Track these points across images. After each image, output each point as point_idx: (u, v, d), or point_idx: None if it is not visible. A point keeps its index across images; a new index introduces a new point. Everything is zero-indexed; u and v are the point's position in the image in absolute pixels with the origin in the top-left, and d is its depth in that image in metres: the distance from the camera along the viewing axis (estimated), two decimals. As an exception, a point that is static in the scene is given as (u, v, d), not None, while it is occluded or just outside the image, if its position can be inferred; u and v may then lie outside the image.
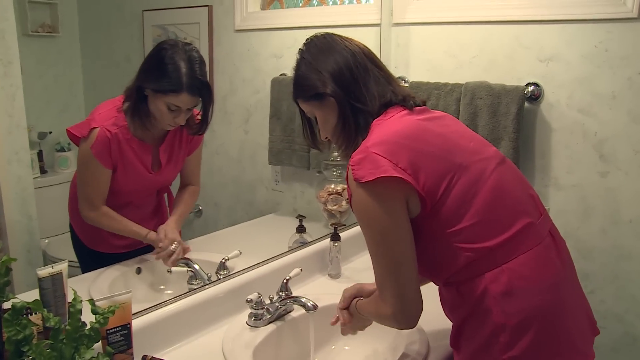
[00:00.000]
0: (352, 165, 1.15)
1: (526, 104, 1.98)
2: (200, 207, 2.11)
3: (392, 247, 1.13)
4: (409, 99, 1.26)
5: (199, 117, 1.68)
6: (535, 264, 1.13)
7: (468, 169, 1.16)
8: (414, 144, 1.15)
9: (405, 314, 1.15)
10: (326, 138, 1.32)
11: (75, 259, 1.68)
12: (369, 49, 1.31)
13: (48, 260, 1.52)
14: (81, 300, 1.07)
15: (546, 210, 1.25)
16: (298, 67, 1.30)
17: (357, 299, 1.37)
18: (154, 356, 1.27)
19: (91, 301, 1.10)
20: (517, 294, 1.11)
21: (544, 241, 1.17)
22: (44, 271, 1.21)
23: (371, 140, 1.16)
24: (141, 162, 1.64)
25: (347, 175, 1.17)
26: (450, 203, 1.14)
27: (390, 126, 1.19)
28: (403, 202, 1.13)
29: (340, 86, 1.23)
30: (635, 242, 1.89)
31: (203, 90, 1.58)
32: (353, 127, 1.24)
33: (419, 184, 1.12)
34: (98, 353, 1.08)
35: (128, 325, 1.20)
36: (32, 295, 1.17)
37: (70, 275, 1.26)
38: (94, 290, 1.50)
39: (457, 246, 1.14)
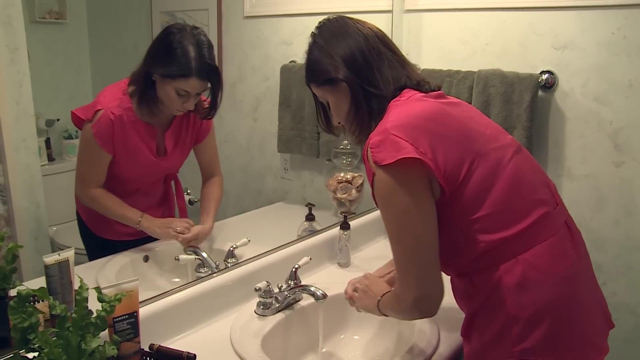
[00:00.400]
0: (371, 148, 1.12)
1: (540, 93, 1.94)
2: None
3: (415, 230, 1.11)
4: (423, 83, 1.24)
5: (207, 102, 1.67)
6: (551, 255, 1.11)
7: (486, 156, 1.14)
8: (433, 127, 1.13)
9: (427, 300, 1.13)
10: (339, 123, 1.30)
11: (83, 247, 1.67)
12: (383, 32, 1.28)
13: (56, 247, 1.52)
14: (87, 288, 1.05)
15: (562, 200, 1.23)
16: (310, 51, 1.28)
17: (381, 296, 1.30)
18: (162, 345, 1.25)
19: (97, 289, 1.09)
20: (531, 286, 1.09)
21: (559, 232, 1.15)
22: (51, 258, 1.21)
23: (390, 121, 1.13)
24: (146, 145, 1.63)
25: (366, 157, 1.14)
26: (469, 191, 1.12)
27: (409, 108, 1.17)
28: (426, 183, 1.11)
29: (353, 71, 1.21)
30: (650, 233, 1.86)
31: (212, 75, 1.57)
32: (366, 113, 1.22)
33: (439, 169, 1.10)
34: (105, 341, 1.07)
35: (135, 314, 1.18)
36: (40, 282, 1.17)
37: (77, 263, 1.26)
38: (101, 278, 1.49)
39: (473, 235, 1.12)
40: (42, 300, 1.11)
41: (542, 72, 1.94)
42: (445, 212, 1.13)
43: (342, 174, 2.13)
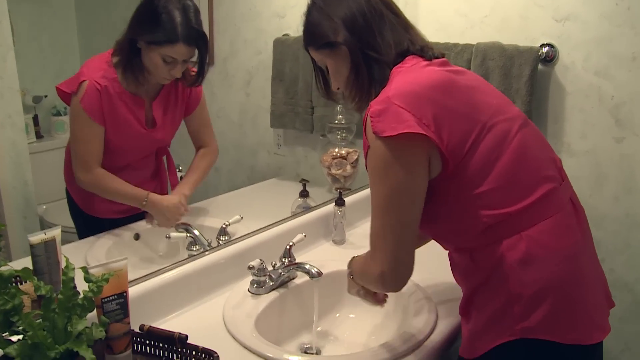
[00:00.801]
0: (371, 117, 1.08)
1: (540, 66, 1.90)
2: None
3: (402, 207, 1.08)
4: (427, 49, 1.19)
5: (193, 71, 1.63)
6: (556, 232, 1.09)
7: (493, 128, 1.11)
8: (439, 97, 1.09)
9: (396, 276, 1.11)
10: (338, 89, 1.25)
11: (73, 225, 1.64)
12: None
13: (45, 226, 1.47)
14: (74, 268, 1.02)
15: (567, 176, 1.20)
16: (309, 13, 1.23)
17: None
18: (152, 325, 1.22)
19: (84, 269, 1.05)
20: (535, 263, 1.06)
21: (565, 208, 1.13)
22: (36, 237, 1.16)
23: (392, 89, 1.09)
24: (134, 117, 1.58)
25: (365, 126, 1.11)
26: (473, 164, 1.08)
27: (414, 75, 1.12)
28: (425, 160, 1.07)
29: (353, 34, 1.16)
30: (649, 210, 1.84)
31: (199, 41, 1.53)
32: (367, 79, 1.17)
33: (442, 142, 1.06)
34: (92, 323, 1.04)
35: (124, 294, 1.14)
36: (28, 262, 1.13)
37: (67, 242, 1.23)
38: (90, 257, 1.46)
39: (476, 210, 1.09)
40: (27, 281, 1.07)
41: (543, 45, 1.90)
42: (448, 186, 1.10)
43: (336, 150, 2.10)
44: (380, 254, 1.10)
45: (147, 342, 1.20)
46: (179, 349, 1.17)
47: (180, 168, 1.88)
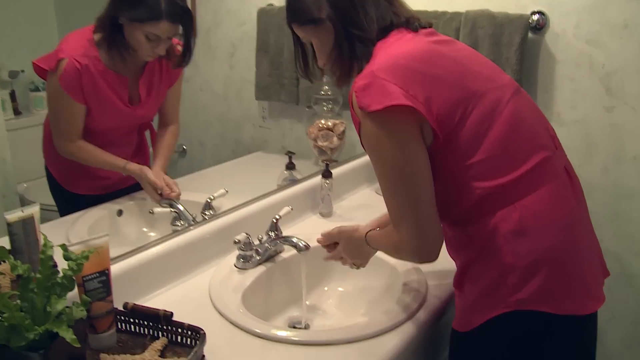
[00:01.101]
0: (356, 92, 1.06)
1: (530, 34, 1.86)
2: (185, 147, 2.05)
3: (408, 182, 1.06)
4: (413, 20, 1.16)
5: (179, 47, 1.58)
6: (550, 201, 1.07)
7: (483, 97, 1.08)
8: (425, 68, 1.06)
9: (426, 249, 1.09)
10: (324, 65, 1.23)
11: (54, 203, 1.60)
12: None
13: (26, 205, 1.43)
14: (52, 246, 0.98)
15: (561, 144, 1.18)
16: None
17: (368, 230, 1.29)
18: (137, 303, 1.20)
19: (63, 246, 1.01)
20: (529, 233, 1.05)
21: (559, 177, 1.11)
22: (13, 216, 1.13)
23: (377, 63, 1.06)
24: (117, 96, 1.55)
25: (351, 103, 1.09)
26: (464, 135, 1.06)
27: (398, 48, 1.10)
28: (417, 130, 1.05)
29: (337, 9, 1.13)
30: (638, 180, 1.82)
31: (184, 17, 1.49)
32: (349, 55, 1.15)
33: (431, 114, 1.03)
34: (73, 302, 1.00)
35: (106, 271, 1.12)
36: (6, 242, 1.10)
37: (48, 220, 1.20)
38: (72, 234, 1.43)
39: (468, 182, 1.07)
40: (4, 261, 1.03)
41: (533, 13, 1.85)
42: (439, 158, 1.08)
43: (322, 121, 2.08)
44: (406, 231, 1.09)
45: (132, 320, 1.18)
46: (165, 327, 1.16)
47: (184, 147, 1.95)
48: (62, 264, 1.00)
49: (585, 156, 1.88)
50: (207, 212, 1.63)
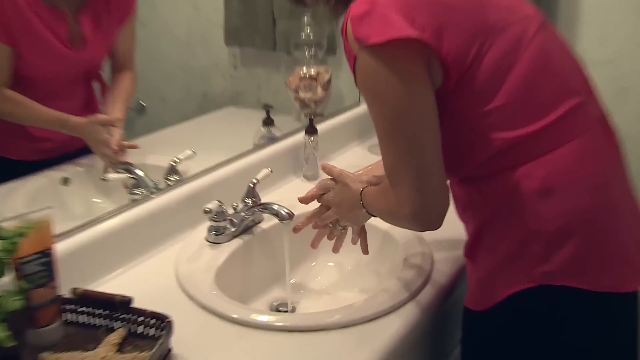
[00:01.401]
0: (352, 20, 1.01)
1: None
2: (142, 102, 1.97)
3: (411, 129, 1.01)
4: None
5: None
6: (582, 156, 1.03)
7: (504, 31, 1.04)
8: None
9: (427, 213, 1.05)
10: None
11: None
12: None
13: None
14: (-23, 223, 0.92)
15: (596, 89, 1.13)
16: None
17: (364, 187, 1.25)
18: (87, 288, 1.16)
19: (-8, 223, 0.96)
20: (557, 193, 1.01)
21: (592, 129, 1.07)
22: None
23: None
24: (53, 34, 1.45)
25: (345, 33, 1.04)
26: (480, 76, 1.02)
27: None
28: (424, 69, 1.00)
29: None
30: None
31: None
32: None
33: (442, 48, 0.98)
34: (6, 291, 0.96)
35: (48, 251, 1.07)
36: None
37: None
38: (7, 208, 1.36)
39: (484, 133, 1.03)
40: None
41: None
42: (450, 103, 1.03)
43: (304, 69, 2.05)
44: (404, 191, 1.04)
45: (82, 309, 1.13)
46: (122, 315, 1.11)
47: (142, 103, 1.87)
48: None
49: (616, 102, 1.85)
50: (171, 178, 1.60)
